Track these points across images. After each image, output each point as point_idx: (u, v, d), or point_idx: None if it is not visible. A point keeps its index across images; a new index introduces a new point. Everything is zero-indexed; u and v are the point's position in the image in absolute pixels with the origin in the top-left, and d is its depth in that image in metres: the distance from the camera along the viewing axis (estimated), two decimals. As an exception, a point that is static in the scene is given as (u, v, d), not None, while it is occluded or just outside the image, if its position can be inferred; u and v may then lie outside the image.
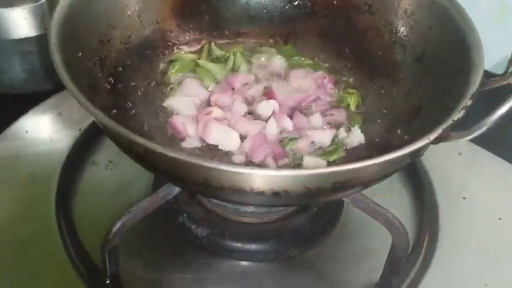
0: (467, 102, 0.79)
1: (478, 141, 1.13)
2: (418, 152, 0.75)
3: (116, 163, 1.10)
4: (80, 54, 0.92)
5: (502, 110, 0.72)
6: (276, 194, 0.73)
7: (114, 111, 0.94)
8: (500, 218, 1.06)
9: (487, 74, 0.89)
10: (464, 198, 1.09)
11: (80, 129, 1.14)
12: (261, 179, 0.70)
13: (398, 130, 0.97)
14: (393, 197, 1.08)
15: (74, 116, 1.18)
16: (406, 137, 0.95)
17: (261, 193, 0.73)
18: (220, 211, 0.98)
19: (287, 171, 0.71)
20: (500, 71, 1.36)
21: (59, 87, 1.00)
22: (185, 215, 0.98)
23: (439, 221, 1.05)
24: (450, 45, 0.95)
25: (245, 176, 0.70)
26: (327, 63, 1.14)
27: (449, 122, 0.76)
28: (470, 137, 0.74)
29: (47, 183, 1.04)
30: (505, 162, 1.15)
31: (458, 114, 0.77)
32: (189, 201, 0.98)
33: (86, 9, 0.96)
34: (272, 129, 0.97)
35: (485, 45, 0.89)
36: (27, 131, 1.13)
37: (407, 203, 1.09)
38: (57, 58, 0.82)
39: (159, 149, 0.70)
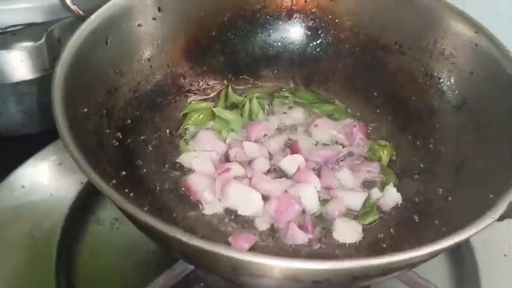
0: (530, 169, 0.69)
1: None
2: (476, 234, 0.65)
3: (122, 221, 0.99)
4: (85, 109, 0.83)
5: None
6: (316, 282, 0.63)
7: (123, 172, 0.85)
8: (545, 277, 0.96)
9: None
10: (505, 255, 0.99)
11: (82, 183, 1.02)
12: (292, 271, 0.60)
13: (440, 189, 0.87)
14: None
15: (75, 166, 1.07)
16: (450, 198, 0.85)
17: (297, 281, 0.63)
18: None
19: (323, 263, 0.61)
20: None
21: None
22: (202, 284, 0.88)
23: (480, 280, 0.95)
24: (497, 94, 0.87)
25: (275, 267, 0.60)
26: (353, 109, 1.04)
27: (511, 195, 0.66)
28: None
29: (46, 245, 0.95)
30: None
31: (521, 186, 0.67)
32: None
33: (92, 58, 0.87)
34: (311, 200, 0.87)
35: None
36: (23, 186, 1.03)
37: (445, 263, 0.99)
38: (60, 120, 0.73)
39: (176, 234, 0.61)
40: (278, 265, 0.60)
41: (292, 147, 0.95)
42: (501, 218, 0.65)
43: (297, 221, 0.87)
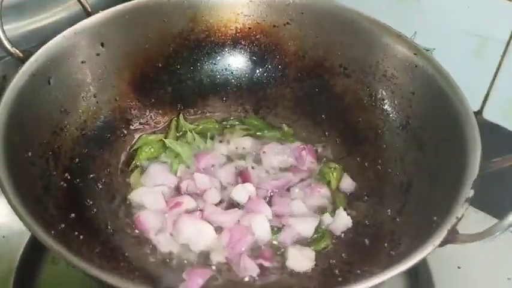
0: (469, 193, 0.71)
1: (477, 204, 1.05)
2: (421, 260, 0.66)
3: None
4: (29, 154, 0.82)
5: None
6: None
7: (73, 214, 0.84)
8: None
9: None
10: (459, 267, 1.01)
11: (36, 222, 1.01)
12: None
13: (389, 210, 0.89)
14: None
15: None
16: (398, 219, 0.87)
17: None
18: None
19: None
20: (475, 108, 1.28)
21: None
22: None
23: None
24: (438, 113, 0.89)
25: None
26: (302, 133, 1.05)
27: (452, 221, 0.68)
28: (479, 241, 0.66)
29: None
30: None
31: (461, 210, 0.69)
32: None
33: (34, 100, 0.87)
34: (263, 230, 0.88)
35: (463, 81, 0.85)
36: (-27, 230, 1.01)
37: (399, 276, 1.00)
38: (3, 176, 0.72)
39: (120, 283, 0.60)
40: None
41: (243, 176, 0.96)
42: (442, 244, 0.66)
43: (253, 252, 0.87)
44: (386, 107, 0.98)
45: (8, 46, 0.89)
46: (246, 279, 0.84)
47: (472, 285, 1.00)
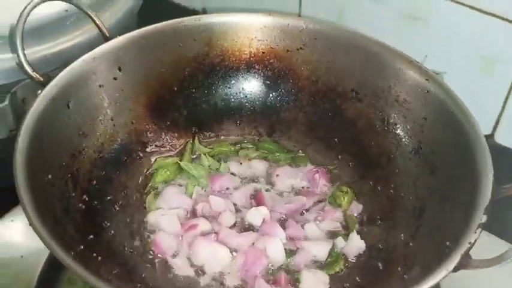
0: (482, 218, 0.72)
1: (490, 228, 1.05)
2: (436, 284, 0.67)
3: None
4: (49, 176, 0.84)
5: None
6: None
7: (91, 236, 0.85)
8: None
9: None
10: (473, 292, 1.01)
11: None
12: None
13: (402, 234, 0.90)
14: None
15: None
16: (411, 243, 0.88)
17: None
18: None
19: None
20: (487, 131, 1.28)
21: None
22: None
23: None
24: (450, 139, 0.90)
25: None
26: (315, 156, 1.07)
27: (466, 246, 0.69)
28: (493, 267, 0.67)
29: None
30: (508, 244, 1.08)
31: (474, 235, 0.70)
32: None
33: (54, 123, 0.89)
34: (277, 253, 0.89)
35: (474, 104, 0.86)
36: (-8, 250, 1.02)
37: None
38: (23, 192, 0.74)
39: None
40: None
41: (257, 199, 0.97)
42: (455, 270, 0.67)
43: (267, 275, 0.88)
44: (398, 131, 0.99)
45: (29, 70, 0.92)
46: (261, 302, 0.85)
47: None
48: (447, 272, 0.67)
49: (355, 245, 0.91)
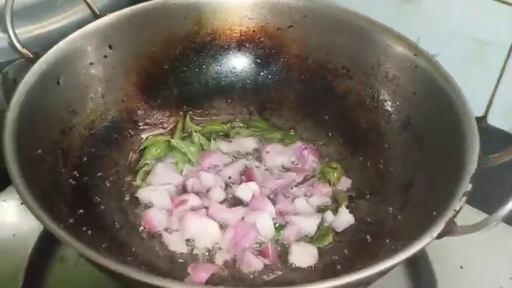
0: (468, 186, 0.72)
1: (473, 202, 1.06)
2: (420, 251, 0.68)
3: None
4: (39, 151, 0.84)
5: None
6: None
7: (81, 210, 0.86)
8: (501, 287, 0.99)
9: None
10: (461, 267, 1.01)
11: (45, 220, 1.03)
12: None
13: (390, 208, 0.90)
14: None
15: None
16: (399, 217, 0.88)
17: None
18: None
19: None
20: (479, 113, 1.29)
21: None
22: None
23: (438, 292, 0.97)
24: (438, 113, 0.90)
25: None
26: (306, 133, 1.07)
27: (451, 213, 0.69)
28: (478, 232, 0.67)
29: (10, 286, 0.94)
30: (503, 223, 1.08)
31: (459, 203, 0.71)
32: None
33: (44, 99, 0.89)
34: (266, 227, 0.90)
35: (466, 85, 0.86)
36: (-16, 228, 1.03)
37: (401, 275, 1.01)
38: (12, 165, 0.74)
39: (130, 273, 0.63)
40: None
41: (247, 175, 0.97)
42: (439, 236, 0.67)
43: (256, 248, 0.89)
44: (388, 107, 1.00)
45: (19, 47, 0.92)
46: (250, 274, 0.86)
47: (474, 285, 1.00)
48: (432, 238, 0.67)
49: (344, 219, 0.91)
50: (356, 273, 0.64)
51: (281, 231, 0.90)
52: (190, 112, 1.09)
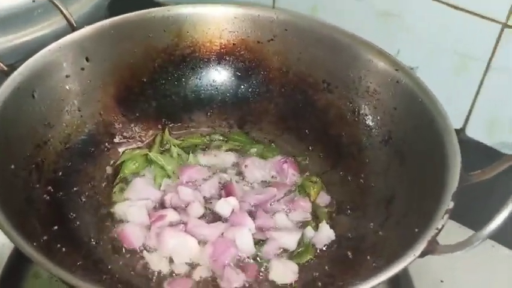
0: (449, 204, 0.72)
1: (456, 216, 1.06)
2: (400, 271, 0.67)
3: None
4: (12, 166, 0.82)
5: (496, 222, 0.65)
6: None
7: (56, 227, 0.84)
8: (483, 302, 0.98)
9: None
10: (442, 281, 1.01)
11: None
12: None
13: (372, 224, 0.90)
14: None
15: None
16: (380, 232, 0.87)
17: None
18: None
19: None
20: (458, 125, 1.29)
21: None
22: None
23: (419, 308, 0.97)
24: (419, 128, 0.90)
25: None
26: (286, 147, 1.06)
27: (432, 232, 0.69)
28: (462, 252, 0.66)
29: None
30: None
31: (441, 221, 0.70)
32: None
33: (18, 113, 0.87)
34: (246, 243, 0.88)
35: (446, 99, 0.87)
36: (-47, 245, 0.99)
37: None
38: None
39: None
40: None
41: (226, 190, 0.96)
42: (422, 255, 0.67)
43: (237, 265, 0.87)
44: (369, 122, 0.99)
45: (-7, 59, 0.90)
46: (230, 292, 0.84)
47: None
48: (414, 257, 0.66)
49: (324, 234, 0.90)
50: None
51: (261, 247, 0.89)
52: (169, 125, 1.07)
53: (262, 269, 0.87)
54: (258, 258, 0.89)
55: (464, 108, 1.15)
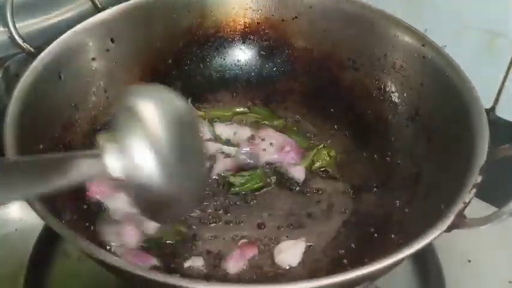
0: (477, 178, 0.71)
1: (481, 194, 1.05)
2: (428, 245, 0.66)
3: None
4: (41, 146, 0.83)
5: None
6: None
7: (85, 206, 0.84)
8: (510, 282, 0.97)
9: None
10: (469, 261, 1.00)
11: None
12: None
13: (398, 201, 0.89)
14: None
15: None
16: (407, 210, 0.87)
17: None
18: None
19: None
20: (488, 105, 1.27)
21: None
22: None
23: (446, 286, 0.96)
24: (446, 104, 0.88)
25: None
26: (311, 126, 1.06)
27: (459, 206, 0.68)
28: (488, 225, 0.66)
29: (13, 282, 0.92)
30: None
31: (468, 196, 0.69)
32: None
33: (45, 94, 0.87)
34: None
35: (475, 77, 0.85)
36: (-15, 223, 1.02)
37: (409, 269, 1.00)
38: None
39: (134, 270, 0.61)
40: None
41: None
42: (449, 229, 0.66)
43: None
44: (395, 99, 0.98)
45: (20, 41, 0.91)
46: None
47: (481, 279, 0.98)
48: (441, 231, 0.65)
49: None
50: (363, 268, 0.62)
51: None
52: (194, 106, 1.07)
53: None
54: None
55: (493, 87, 1.12)
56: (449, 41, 1.08)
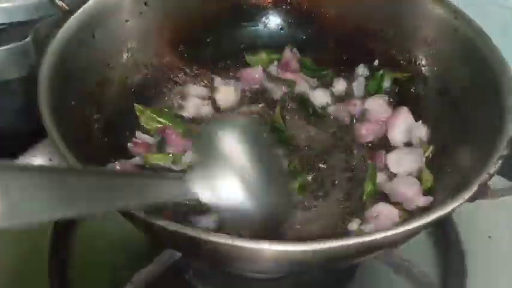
0: (504, 151, 0.71)
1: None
2: (450, 213, 0.66)
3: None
4: (73, 102, 0.84)
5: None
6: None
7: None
8: (530, 257, 0.97)
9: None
10: (489, 237, 1.00)
11: (73, 175, 1.04)
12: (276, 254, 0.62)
13: (425, 171, 0.89)
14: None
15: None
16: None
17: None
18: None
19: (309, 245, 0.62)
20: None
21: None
22: (191, 271, 0.89)
23: (466, 262, 0.96)
24: (477, 79, 0.88)
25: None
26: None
27: (484, 176, 0.68)
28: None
29: (39, 237, 0.95)
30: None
31: (494, 167, 0.69)
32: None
33: (79, 51, 0.88)
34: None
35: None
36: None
37: (430, 244, 1.00)
38: (45, 112, 0.74)
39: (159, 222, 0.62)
40: (261, 249, 0.61)
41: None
42: (472, 199, 0.66)
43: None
44: (425, 72, 0.98)
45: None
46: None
47: (502, 254, 0.99)
48: (463, 199, 0.66)
49: None
50: (382, 232, 0.63)
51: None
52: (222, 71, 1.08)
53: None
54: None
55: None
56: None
